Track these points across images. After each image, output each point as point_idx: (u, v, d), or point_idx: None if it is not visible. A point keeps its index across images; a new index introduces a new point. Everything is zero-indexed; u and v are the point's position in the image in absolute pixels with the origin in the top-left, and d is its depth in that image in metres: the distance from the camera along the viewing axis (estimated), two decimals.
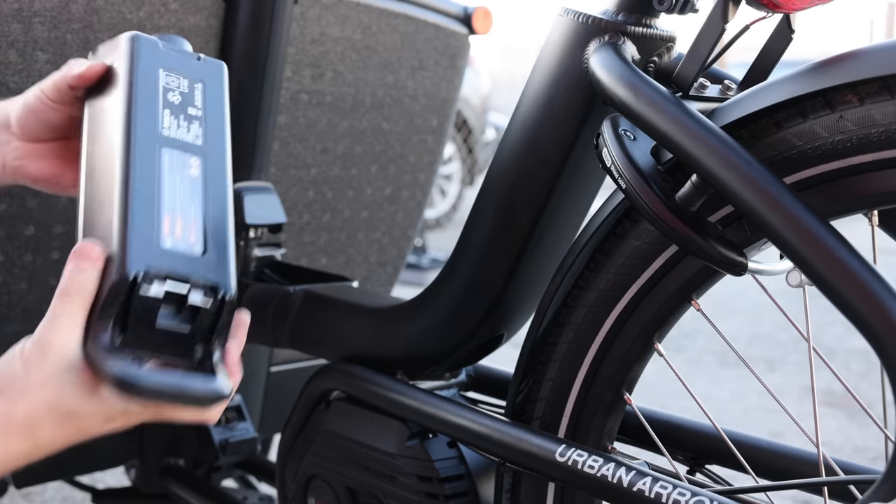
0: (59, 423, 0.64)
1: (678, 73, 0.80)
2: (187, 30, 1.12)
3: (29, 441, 0.64)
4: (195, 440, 1.29)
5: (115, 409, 0.65)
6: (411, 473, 0.94)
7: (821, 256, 0.66)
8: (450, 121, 1.47)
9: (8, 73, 1.01)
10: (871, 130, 0.68)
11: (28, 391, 0.63)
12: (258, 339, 1.16)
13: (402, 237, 1.49)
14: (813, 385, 0.79)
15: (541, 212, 0.88)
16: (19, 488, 1.24)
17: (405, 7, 1.33)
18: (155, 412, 0.67)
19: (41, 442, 0.64)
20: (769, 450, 0.89)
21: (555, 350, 0.87)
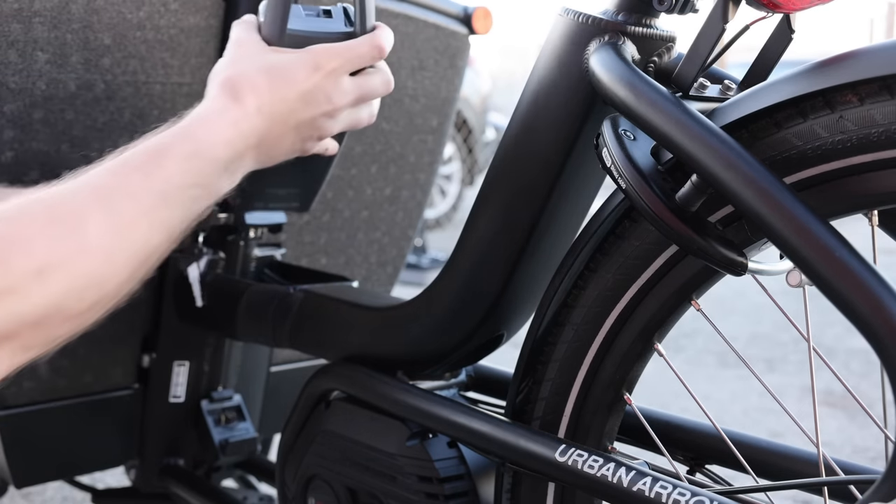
0: (271, 78, 0.79)
1: (678, 73, 0.81)
2: (187, 30, 1.12)
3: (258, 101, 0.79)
4: (195, 440, 1.29)
5: (305, 59, 0.81)
6: (411, 473, 0.94)
7: (821, 256, 0.66)
8: (450, 121, 1.47)
9: (8, 73, 1.01)
10: (871, 130, 0.68)
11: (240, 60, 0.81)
12: (258, 338, 1.16)
13: (402, 237, 1.49)
14: (813, 385, 0.79)
15: (541, 212, 0.88)
16: (19, 488, 1.24)
17: (405, 7, 1.33)
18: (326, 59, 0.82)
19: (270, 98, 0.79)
20: (769, 450, 0.90)
21: (555, 350, 0.87)
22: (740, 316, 3.84)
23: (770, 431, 2.47)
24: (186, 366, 1.26)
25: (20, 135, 1.04)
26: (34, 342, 0.67)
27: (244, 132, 0.78)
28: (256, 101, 0.79)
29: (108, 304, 0.71)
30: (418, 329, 0.98)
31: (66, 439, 1.22)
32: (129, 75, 1.10)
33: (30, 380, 1.15)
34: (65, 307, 0.66)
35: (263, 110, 0.79)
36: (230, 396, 1.31)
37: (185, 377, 1.26)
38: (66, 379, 1.18)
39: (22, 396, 1.15)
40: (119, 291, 0.71)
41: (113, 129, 1.11)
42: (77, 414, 1.21)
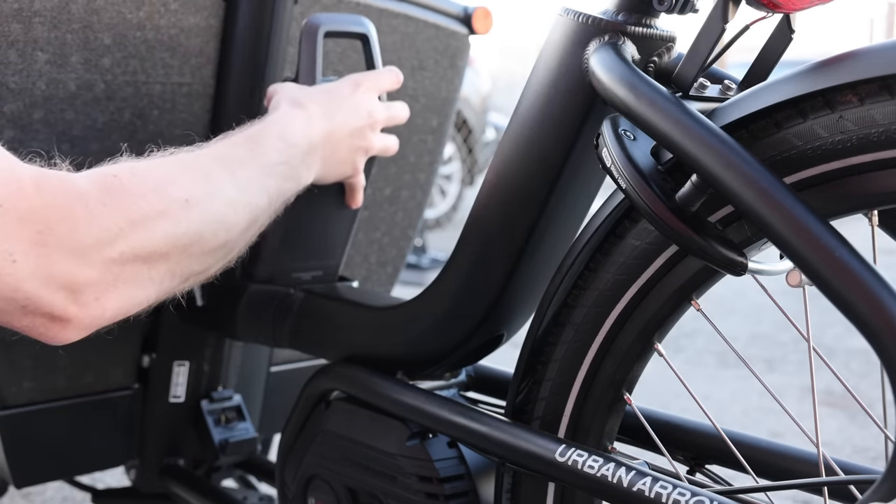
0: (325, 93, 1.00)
1: (678, 73, 0.80)
2: (187, 30, 1.12)
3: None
4: (195, 440, 1.29)
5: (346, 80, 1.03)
6: (411, 473, 0.94)
7: (821, 256, 0.66)
8: (450, 121, 1.47)
9: (8, 73, 1.01)
10: (871, 130, 0.68)
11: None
12: (258, 338, 1.16)
13: (402, 237, 1.49)
14: (813, 385, 0.79)
15: (541, 212, 0.88)
16: (19, 488, 1.24)
17: (405, 7, 1.33)
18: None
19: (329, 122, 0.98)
20: (769, 450, 0.89)
21: (555, 350, 0.87)
22: (740, 316, 3.84)
23: (770, 431, 2.48)
24: (186, 366, 1.26)
25: (20, 135, 1.04)
26: (180, 268, 0.79)
27: (314, 128, 0.96)
28: (318, 108, 0.97)
29: (231, 252, 0.86)
30: (418, 329, 0.98)
31: (66, 439, 1.22)
32: (129, 75, 1.10)
33: (30, 380, 1.15)
34: (203, 238, 0.80)
35: (325, 115, 0.97)
36: (230, 396, 1.31)
37: (185, 377, 1.26)
38: (66, 379, 1.18)
39: (22, 396, 1.15)
40: (238, 241, 0.86)
41: (113, 129, 1.11)
42: (77, 414, 1.21)
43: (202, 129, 1.19)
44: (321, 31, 1.02)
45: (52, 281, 0.68)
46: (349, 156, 1.01)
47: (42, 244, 0.67)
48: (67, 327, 0.71)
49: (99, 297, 0.71)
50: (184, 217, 0.77)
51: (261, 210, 0.88)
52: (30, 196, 0.67)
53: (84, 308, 0.71)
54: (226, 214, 0.82)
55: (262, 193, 0.87)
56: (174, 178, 0.79)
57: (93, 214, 0.70)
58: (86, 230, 0.70)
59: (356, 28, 1.05)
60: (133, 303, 0.75)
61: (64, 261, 0.68)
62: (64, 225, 0.68)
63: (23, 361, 1.14)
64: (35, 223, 0.67)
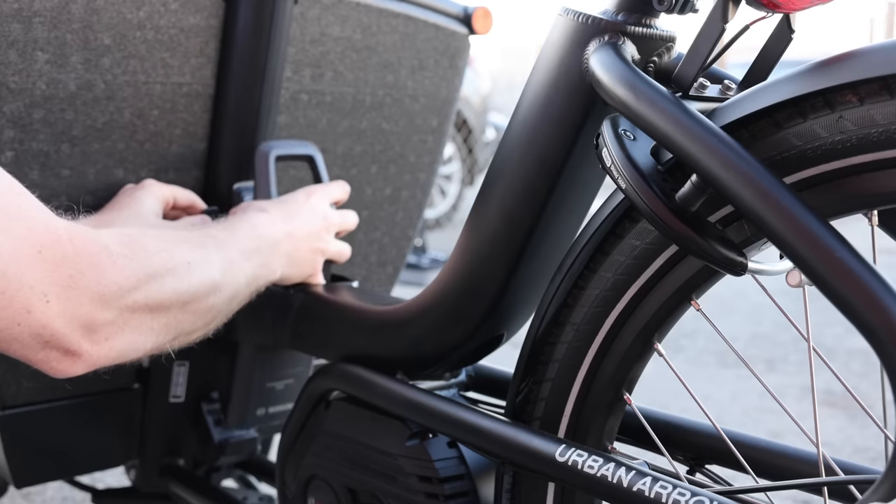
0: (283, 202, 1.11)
1: (678, 73, 0.80)
2: (187, 30, 1.12)
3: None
4: (195, 440, 1.29)
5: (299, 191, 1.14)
6: (411, 473, 0.94)
7: (821, 256, 0.65)
8: (450, 121, 1.47)
9: (8, 73, 1.01)
10: (871, 130, 0.68)
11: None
12: (259, 338, 1.16)
13: (402, 237, 1.49)
14: (813, 385, 0.79)
15: (541, 212, 0.88)
16: (19, 488, 1.24)
17: (405, 7, 1.33)
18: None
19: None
20: (769, 450, 0.89)
21: (555, 350, 0.87)
22: (740, 316, 3.84)
23: (770, 431, 2.48)
24: (186, 366, 1.26)
25: (20, 135, 1.04)
26: (176, 323, 0.88)
27: (276, 226, 1.06)
28: (279, 212, 1.08)
29: (215, 318, 0.95)
30: (418, 329, 0.98)
31: (66, 439, 1.22)
32: (129, 75, 1.10)
33: (30, 380, 1.15)
34: (198, 297, 0.90)
35: (285, 218, 1.08)
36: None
37: (185, 377, 1.26)
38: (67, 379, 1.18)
39: (22, 396, 1.15)
40: (222, 309, 0.96)
41: (113, 129, 1.11)
42: (77, 414, 1.21)
43: (202, 129, 1.19)
44: (272, 156, 1.15)
45: (76, 320, 0.77)
46: (309, 256, 1.11)
47: (72, 287, 0.76)
48: (77, 362, 0.80)
49: (109, 338, 0.80)
50: (186, 276, 0.88)
51: (240, 287, 0.98)
52: (65, 245, 0.76)
53: (95, 346, 0.79)
54: (216, 281, 0.93)
55: (240, 273, 0.98)
56: (178, 243, 0.90)
57: (116, 265, 0.80)
58: (111, 277, 0.79)
59: (303, 151, 1.18)
60: (134, 348, 0.84)
61: (89, 303, 0.77)
62: (92, 272, 0.78)
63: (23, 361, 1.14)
64: (68, 269, 0.76)
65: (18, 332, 0.75)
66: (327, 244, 1.13)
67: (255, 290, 1.02)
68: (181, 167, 1.18)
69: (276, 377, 1.24)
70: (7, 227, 0.73)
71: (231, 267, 0.96)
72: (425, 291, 0.97)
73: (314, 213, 1.12)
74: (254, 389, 1.21)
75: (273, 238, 1.05)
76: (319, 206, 1.13)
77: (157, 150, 1.15)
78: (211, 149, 1.20)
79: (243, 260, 0.99)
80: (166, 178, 1.17)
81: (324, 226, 1.12)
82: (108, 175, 1.12)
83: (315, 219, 1.11)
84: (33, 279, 0.74)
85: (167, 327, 0.87)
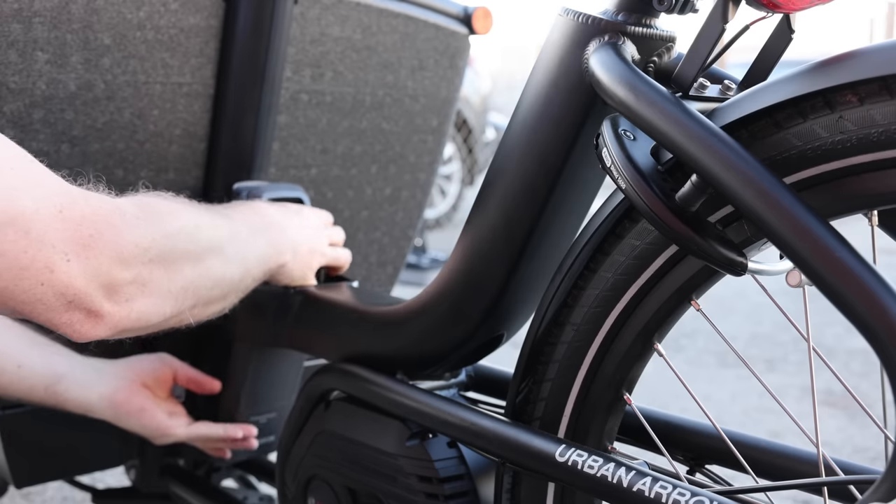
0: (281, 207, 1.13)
1: (678, 73, 0.80)
2: (187, 30, 1.12)
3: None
4: None
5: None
6: (411, 473, 0.94)
7: (821, 256, 0.65)
8: (450, 121, 1.47)
9: (8, 73, 1.01)
10: (871, 130, 0.67)
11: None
12: (259, 338, 1.16)
13: (402, 237, 1.49)
14: (813, 385, 0.79)
15: (541, 212, 0.88)
16: (19, 488, 1.24)
17: (405, 7, 1.34)
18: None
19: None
20: (769, 450, 0.89)
21: (555, 350, 0.87)
22: (740, 316, 3.84)
23: (770, 431, 2.48)
24: None
25: (20, 135, 1.04)
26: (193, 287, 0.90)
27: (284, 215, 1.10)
28: (283, 207, 1.12)
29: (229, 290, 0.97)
30: (418, 329, 0.98)
31: (66, 439, 1.22)
32: (129, 75, 1.10)
33: None
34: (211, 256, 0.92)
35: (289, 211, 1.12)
36: None
37: None
38: None
39: None
40: (235, 282, 0.97)
41: (113, 129, 1.11)
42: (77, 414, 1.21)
43: (202, 129, 1.19)
44: (265, 199, 1.18)
45: (97, 279, 0.78)
46: (308, 256, 1.12)
47: (91, 247, 0.77)
48: (100, 324, 0.80)
49: (130, 299, 0.82)
50: (196, 234, 0.91)
51: (250, 262, 1.00)
52: (82, 206, 0.78)
53: (116, 306, 0.80)
54: (223, 244, 0.95)
55: (249, 247, 1.00)
56: (187, 206, 0.93)
57: (131, 224, 0.82)
58: (127, 236, 0.81)
59: (293, 194, 1.22)
60: (155, 311, 0.85)
61: (109, 263, 0.79)
62: (110, 231, 0.79)
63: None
64: (87, 228, 0.77)
65: (42, 293, 0.75)
66: (325, 247, 1.15)
67: (265, 272, 1.04)
68: (181, 167, 1.18)
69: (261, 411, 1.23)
70: (27, 188, 0.74)
71: (238, 236, 0.98)
72: (425, 291, 0.97)
73: (309, 216, 1.15)
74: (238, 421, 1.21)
75: (280, 223, 1.08)
76: (314, 213, 1.17)
77: (157, 150, 1.15)
78: (211, 149, 1.20)
79: (251, 234, 1.01)
80: (166, 177, 1.17)
81: (322, 227, 1.16)
82: (108, 175, 1.12)
83: (314, 222, 1.15)
84: (55, 238, 0.75)
85: (185, 291, 0.88)
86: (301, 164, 1.30)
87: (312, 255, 1.13)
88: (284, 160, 1.28)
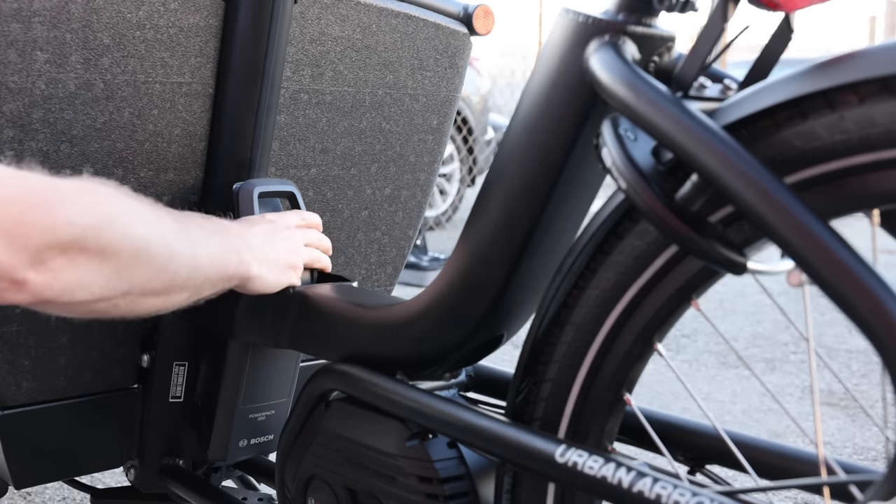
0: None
1: (678, 72, 0.80)
2: (187, 29, 1.12)
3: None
4: (195, 440, 1.29)
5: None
6: (411, 474, 0.94)
7: (821, 256, 0.65)
8: (450, 120, 1.47)
9: (7, 72, 1.01)
10: (871, 130, 0.67)
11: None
12: (258, 338, 1.16)
13: (402, 237, 1.49)
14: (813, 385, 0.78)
15: (541, 212, 0.88)
16: (19, 489, 1.24)
17: (405, 6, 1.33)
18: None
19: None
20: (770, 450, 0.89)
21: (555, 350, 0.87)
22: (740, 316, 3.84)
23: (770, 431, 2.47)
24: (186, 366, 1.26)
25: (20, 134, 1.04)
26: (127, 273, 0.89)
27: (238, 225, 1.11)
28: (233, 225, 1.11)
29: (173, 286, 0.96)
30: (418, 329, 0.97)
31: (65, 439, 1.22)
32: (128, 75, 1.10)
33: (30, 380, 1.15)
34: (150, 248, 0.91)
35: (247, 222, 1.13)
36: None
37: (185, 377, 1.26)
38: (66, 379, 1.18)
39: (22, 396, 1.15)
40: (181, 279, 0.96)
41: (112, 128, 1.11)
42: (77, 414, 1.21)
43: (202, 129, 1.19)
44: (255, 193, 1.18)
45: (24, 251, 0.80)
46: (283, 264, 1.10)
47: (22, 222, 0.79)
48: (21, 290, 0.82)
49: (55, 270, 0.83)
50: (137, 222, 0.90)
51: (201, 262, 0.98)
52: (11, 185, 0.80)
53: (40, 276, 0.82)
54: (168, 239, 0.94)
55: (199, 247, 0.99)
56: (132, 198, 0.93)
57: (67, 201, 0.83)
58: (61, 213, 0.82)
59: (284, 188, 1.23)
60: (80, 287, 0.86)
61: (38, 237, 0.80)
62: (43, 207, 0.81)
63: (22, 361, 1.14)
64: (16, 205, 0.79)
65: None
66: (300, 249, 1.14)
67: (224, 276, 1.02)
68: (180, 167, 1.18)
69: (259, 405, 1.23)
70: None
71: (186, 234, 0.97)
72: (425, 291, 0.97)
73: (282, 220, 1.14)
74: (237, 417, 1.21)
75: (238, 231, 1.07)
76: (288, 218, 1.15)
77: (157, 150, 1.15)
78: (210, 148, 1.20)
79: (202, 234, 1.01)
80: (166, 177, 1.17)
81: (291, 228, 1.14)
82: (107, 175, 1.12)
83: (282, 225, 1.14)
84: None
85: (118, 273, 0.88)
86: (301, 164, 1.30)
87: (284, 260, 1.11)
88: (284, 160, 1.28)
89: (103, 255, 0.86)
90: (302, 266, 1.13)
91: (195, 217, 1.06)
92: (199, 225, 1.03)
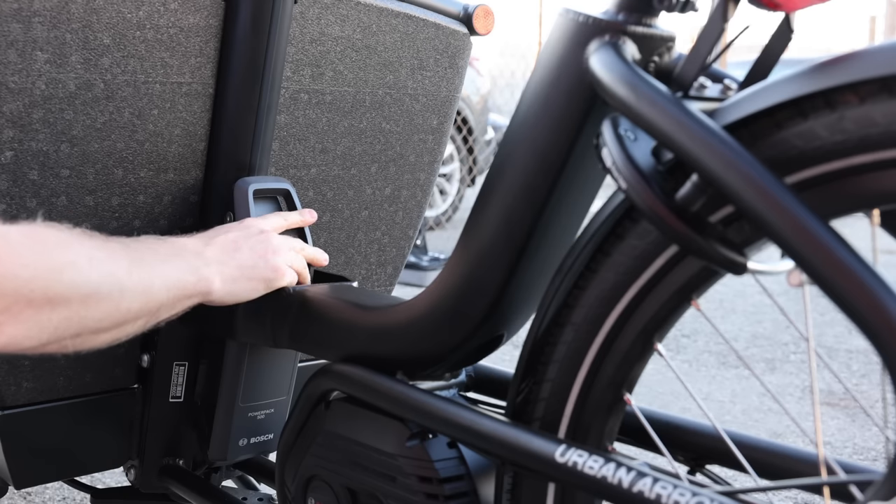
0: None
1: (678, 72, 0.80)
2: (187, 29, 1.12)
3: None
4: (195, 440, 1.29)
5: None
6: (411, 474, 0.94)
7: (821, 256, 0.65)
8: (450, 120, 1.47)
9: (7, 72, 1.01)
10: (870, 130, 0.67)
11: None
12: (258, 339, 1.16)
13: (402, 237, 1.49)
14: (813, 385, 0.78)
15: (541, 212, 0.88)
16: (19, 489, 1.24)
17: (405, 6, 1.33)
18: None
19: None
20: (770, 450, 0.89)
21: (555, 350, 0.87)
22: (740, 316, 3.84)
23: (770, 431, 2.47)
24: (186, 366, 1.26)
25: (20, 134, 1.04)
26: (77, 318, 0.87)
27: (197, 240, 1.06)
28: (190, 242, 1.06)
29: (127, 320, 0.94)
30: (418, 329, 0.97)
31: (66, 439, 1.22)
32: (128, 75, 1.10)
33: (29, 380, 1.15)
34: (100, 293, 0.88)
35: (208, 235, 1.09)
36: None
37: (185, 377, 1.26)
38: (66, 379, 1.18)
39: (22, 396, 1.15)
40: (136, 312, 0.94)
41: (112, 128, 1.11)
42: (77, 414, 1.21)
43: (202, 129, 1.19)
44: (250, 191, 1.18)
45: None
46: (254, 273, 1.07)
47: None
48: None
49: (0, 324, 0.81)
50: (86, 270, 0.87)
51: (157, 291, 0.96)
52: None
53: None
54: (120, 278, 0.91)
55: (156, 276, 0.96)
56: (82, 238, 0.90)
57: (14, 253, 0.81)
58: (6, 266, 0.80)
59: (279, 185, 1.22)
60: (25, 338, 0.84)
61: None
62: None
63: (22, 361, 1.14)
64: None
65: None
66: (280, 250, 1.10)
67: (182, 297, 1.00)
68: (181, 167, 1.18)
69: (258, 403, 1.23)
70: None
71: (140, 265, 0.94)
72: (425, 291, 0.97)
73: (256, 225, 1.11)
74: (236, 415, 1.21)
75: (195, 248, 1.04)
76: (265, 222, 1.13)
77: (157, 150, 1.15)
78: (210, 148, 1.20)
79: (156, 261, 0.98)
80: (166, 177, 1.17)
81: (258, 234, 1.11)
82: (107, 175, 1.12)
83: (255, 230, 1.10)
84: None
85: (68, 321, 0.86)
86: (301, 164, 1.30)
87: (254, 266, 1.08)
88: (284, 160, 1.28)
89: (52, 306, 0.84)
90: (286, 266, 1.10)
91: (150, 242, 1.02)
92: (153, 250, 1.00)
